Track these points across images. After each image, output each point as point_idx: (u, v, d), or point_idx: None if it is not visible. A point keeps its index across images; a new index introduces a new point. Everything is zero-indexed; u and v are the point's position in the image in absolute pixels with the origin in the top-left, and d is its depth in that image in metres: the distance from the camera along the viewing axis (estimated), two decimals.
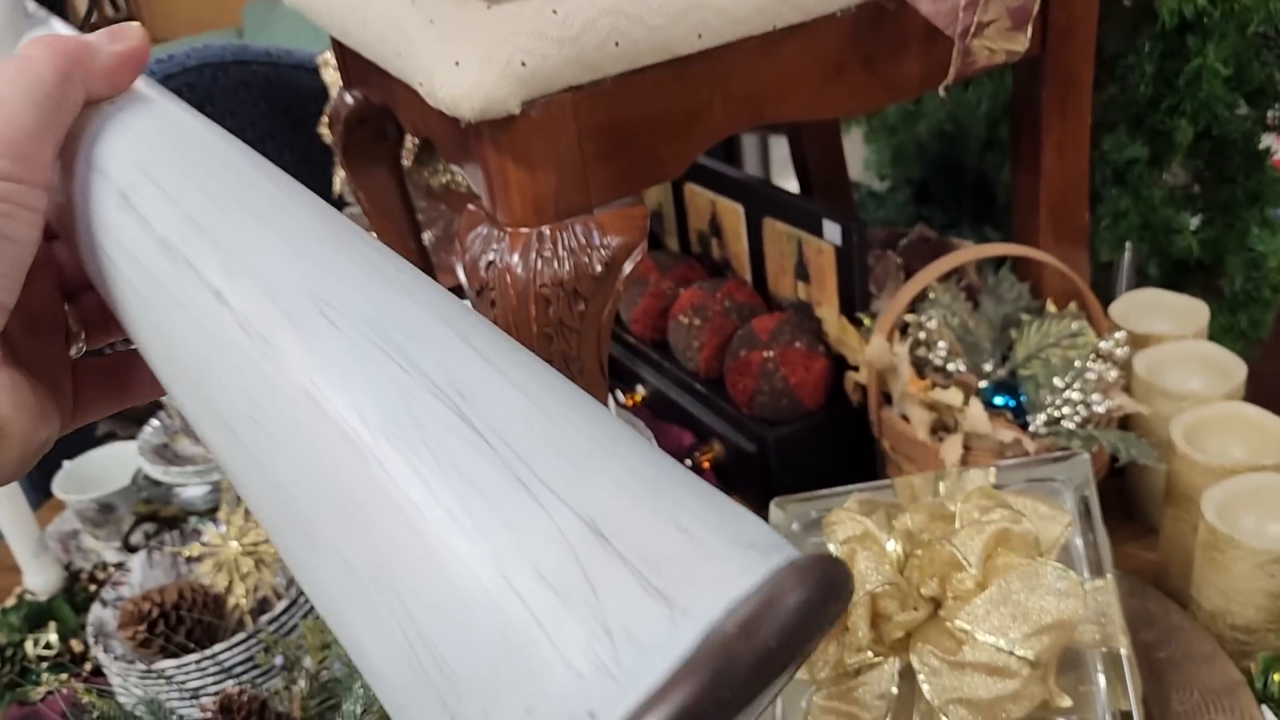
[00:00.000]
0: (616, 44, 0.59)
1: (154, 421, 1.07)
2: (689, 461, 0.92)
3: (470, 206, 0.68)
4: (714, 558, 0.22)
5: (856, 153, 1.28)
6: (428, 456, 0.24)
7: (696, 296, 0.96)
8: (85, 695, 0.62)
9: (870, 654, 0.60)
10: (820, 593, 0.22)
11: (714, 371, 0.95)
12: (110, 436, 1.14)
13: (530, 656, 0.21)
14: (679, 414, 0.97)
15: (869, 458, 0.88)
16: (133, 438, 1.08)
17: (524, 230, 0.63)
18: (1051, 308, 0.84)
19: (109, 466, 1.06)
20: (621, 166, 0.65)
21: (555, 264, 0.63)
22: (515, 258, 0.63)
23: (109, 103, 0.31)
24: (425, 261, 1.05)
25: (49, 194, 0.29)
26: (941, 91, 0.69)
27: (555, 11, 0.57)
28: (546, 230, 0.63)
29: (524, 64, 0.57)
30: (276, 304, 0.27)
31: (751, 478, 0.89)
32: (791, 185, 1.13)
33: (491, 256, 0.65)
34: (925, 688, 0.58)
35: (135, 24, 0.32)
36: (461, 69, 0.58)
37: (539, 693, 0.21)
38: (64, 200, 0.31)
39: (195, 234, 0.28)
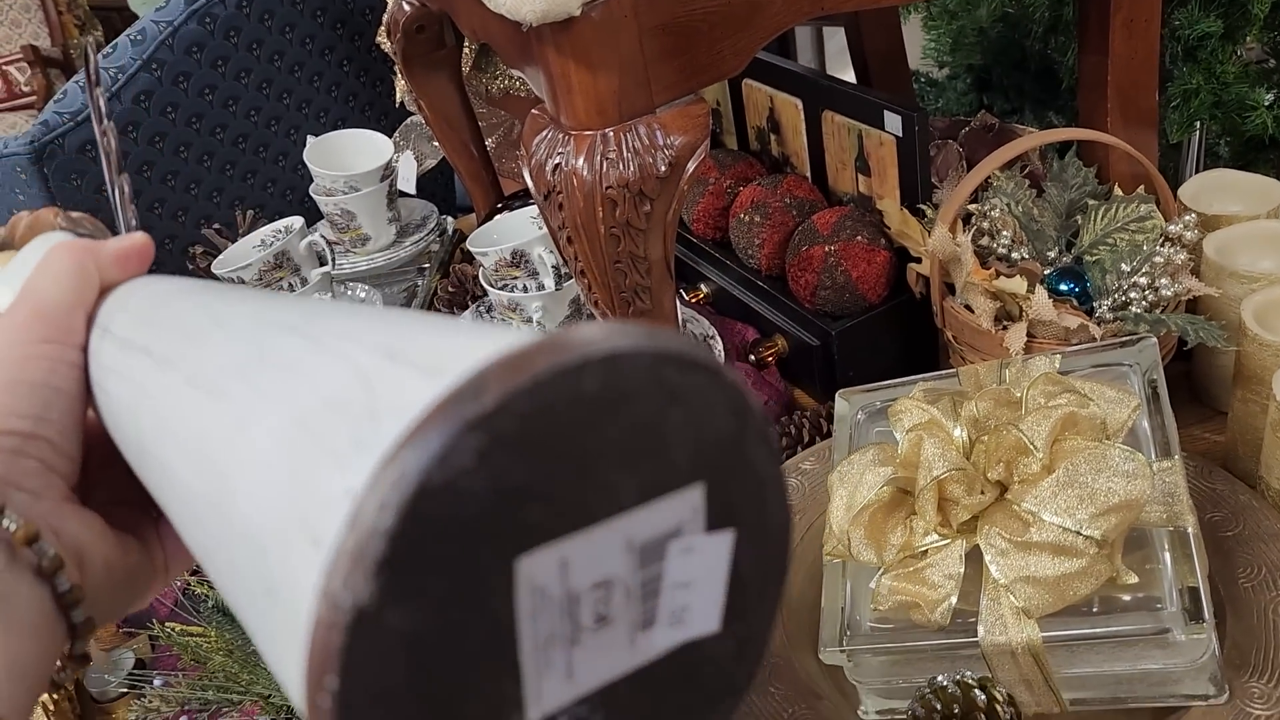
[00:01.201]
0: None
1: None
2: (752, 358, 0.94)
3: (534, 110, 0.69)
4: (505, 345, 0.21)
5: (915, 40, 1.25)
6: (258, 367, 0.26)
7: (756, 194, 0.96)
8: (198, 587, 0.66)
9: (937, 537, 0.62)
10: (636, 343, 0.20)
11: (775, 268, 0.95)
12: None
13: (308, 472, 0.22)
14: (742, 310, 0.98)
15: (932, 349, 0.89)
16: None
17: (588, 133, 0.64)
18: (1119, 192, 0.83)
19: None
20: (682, 64, 0.65)
21: (621, 166, 0.64)
22: (581, 161, 0.64)
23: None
24: (487, 167, 1.06)
25: (83, 354, 0.35)
26: None
27: None
28: (611, 132, 0.64)
29: None
30: (187, 334, 0.32)
31: (815, 372, 0.90)
32: (848, 76, 1.12)
33: (557, 160, 0.66)
34: (992, 568, 0.60)
35: (140, 232, 0.39)
36: None
37: (309, 499, 0.21)
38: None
39: (142, 324, 0.35)
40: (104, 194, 1.18)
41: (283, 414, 0.24)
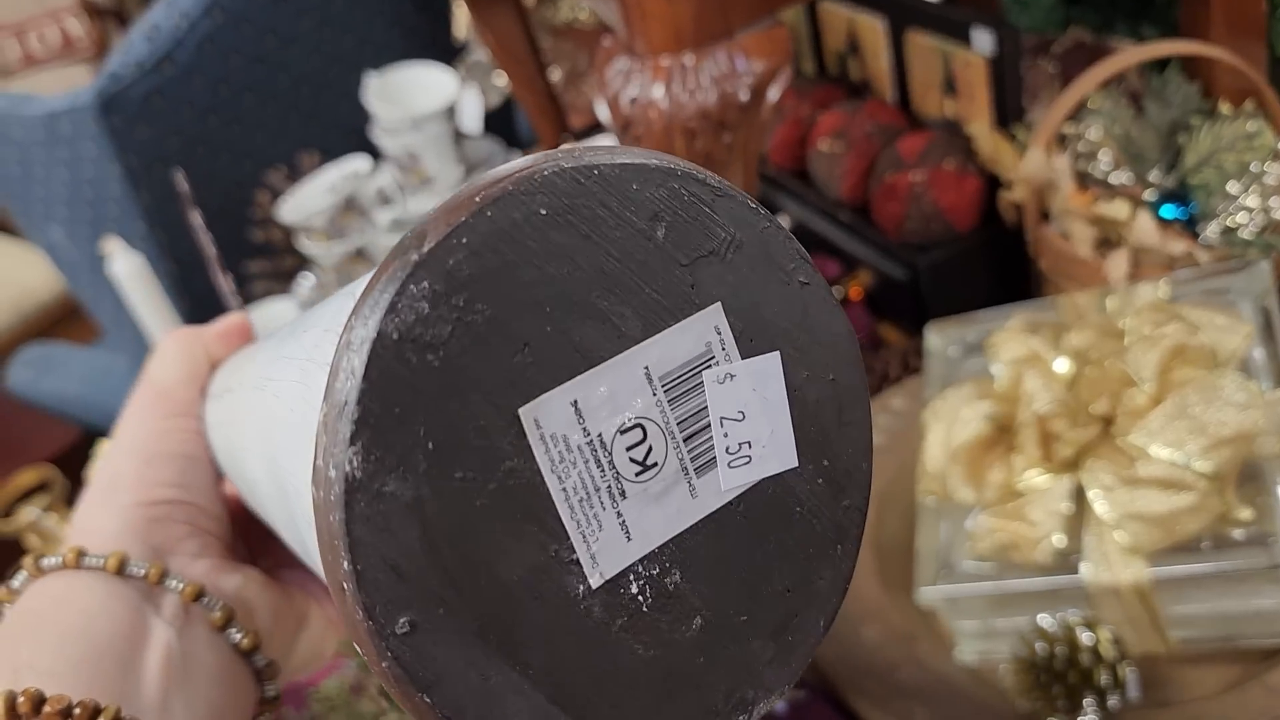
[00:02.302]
0: None
1: (307, 275, 1.11)
2: (838, 289, 0.91)
3: (605, 41, 0.67)
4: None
5: None
6: (289, 339, 0.27)
7: (837, 120, 0.93)
8: None
9: (1039, 473, 0.60)
10: (589, 161, 0.19)
11: (859, 198, 0.92)
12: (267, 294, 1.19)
13: (311, 392, 0.23)
14: (823, 245, 0.95)
15: (1025, 280, 0.85)
16: (285, 292, 1.12)
17: (665, 62, 0.61)
18: (1225, 108, 0.78)
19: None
20: None
21: (700, 95, 0.62)
22: (658, 91, 0.62)
23: None
24: (554, 101, 1.04)
25: (200, 423, 0.38)
26: None
27: None
28: (689, 60, 0.61)
29: None
30: (250, 357, 0.34)
31: (903, 306, 0.88)
32: None
33: (634, 92, 0.63)
34: (1097, 504, 0.57)
35: (239, 312, 0.42)
36: None
37: (315, 412, 0.21)
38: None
39: (227, 375, 0.37)
40: (170, 142, 1.18)
41: (300, 358, 0.24)
